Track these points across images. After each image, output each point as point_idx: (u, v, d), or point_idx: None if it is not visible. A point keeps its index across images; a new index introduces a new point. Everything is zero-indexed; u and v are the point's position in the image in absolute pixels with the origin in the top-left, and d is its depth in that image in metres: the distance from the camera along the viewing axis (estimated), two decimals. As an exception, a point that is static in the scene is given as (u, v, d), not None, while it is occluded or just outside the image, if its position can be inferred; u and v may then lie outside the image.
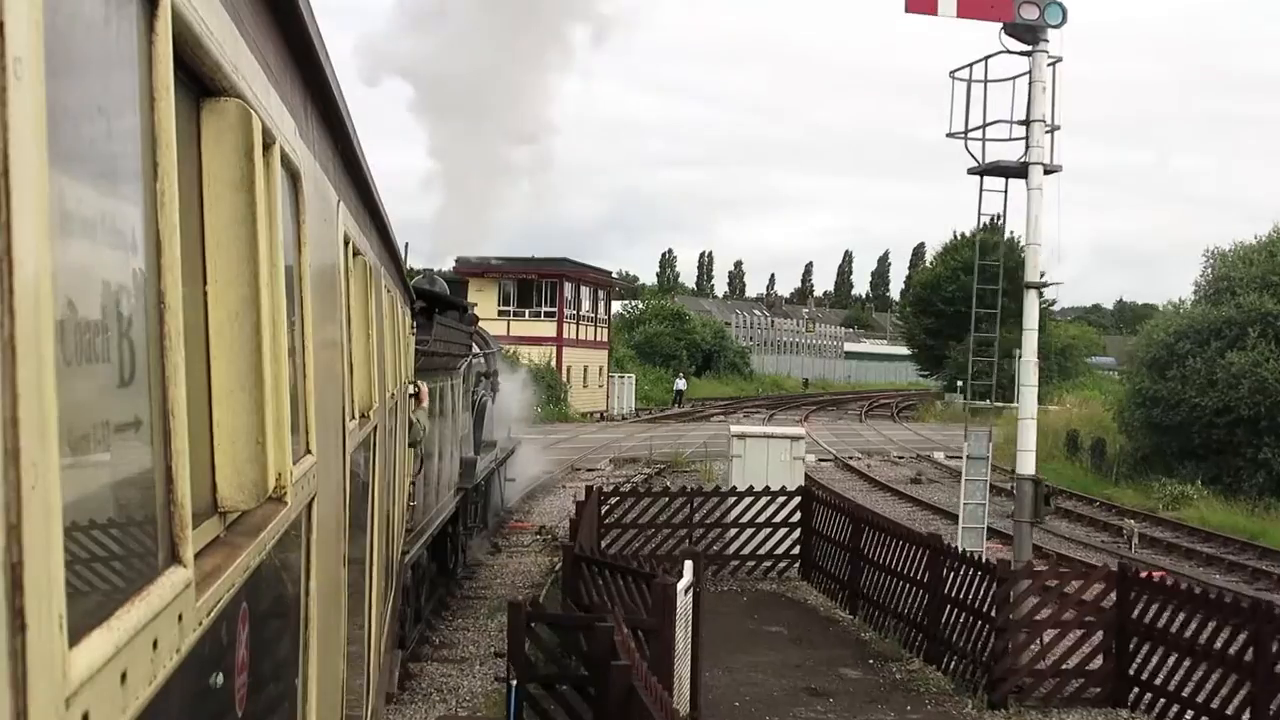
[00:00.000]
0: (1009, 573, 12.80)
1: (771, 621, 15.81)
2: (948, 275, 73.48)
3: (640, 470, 32.86)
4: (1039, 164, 17.40)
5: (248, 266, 2.08)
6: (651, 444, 39.26)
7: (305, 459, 2.83)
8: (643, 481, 29.55)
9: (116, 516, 1.46)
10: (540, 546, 20.87)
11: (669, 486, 25.83)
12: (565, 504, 24.89)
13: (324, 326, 3.43)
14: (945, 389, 71.28)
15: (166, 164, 1.57)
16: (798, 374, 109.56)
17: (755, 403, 74.72)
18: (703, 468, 32.56)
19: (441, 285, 17.34)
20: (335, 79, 3.58)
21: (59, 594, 1.10)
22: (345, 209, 4.37)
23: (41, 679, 1.05)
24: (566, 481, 30.40)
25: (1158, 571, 17.11)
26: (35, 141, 1.05)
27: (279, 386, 2.27)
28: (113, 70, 1.40)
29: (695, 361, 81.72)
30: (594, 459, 35.99)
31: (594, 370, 61.52)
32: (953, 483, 31.33)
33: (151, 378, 1.55)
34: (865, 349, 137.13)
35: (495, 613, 14.88)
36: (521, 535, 22.44)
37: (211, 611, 1.78)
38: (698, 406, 67.41)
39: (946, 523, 23.98)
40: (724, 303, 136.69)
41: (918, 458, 39.71)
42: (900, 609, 14.73)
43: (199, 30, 1.73)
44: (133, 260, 1.48)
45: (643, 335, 78.80)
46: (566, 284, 57.54)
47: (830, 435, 49.16)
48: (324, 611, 3.30)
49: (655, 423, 54.53)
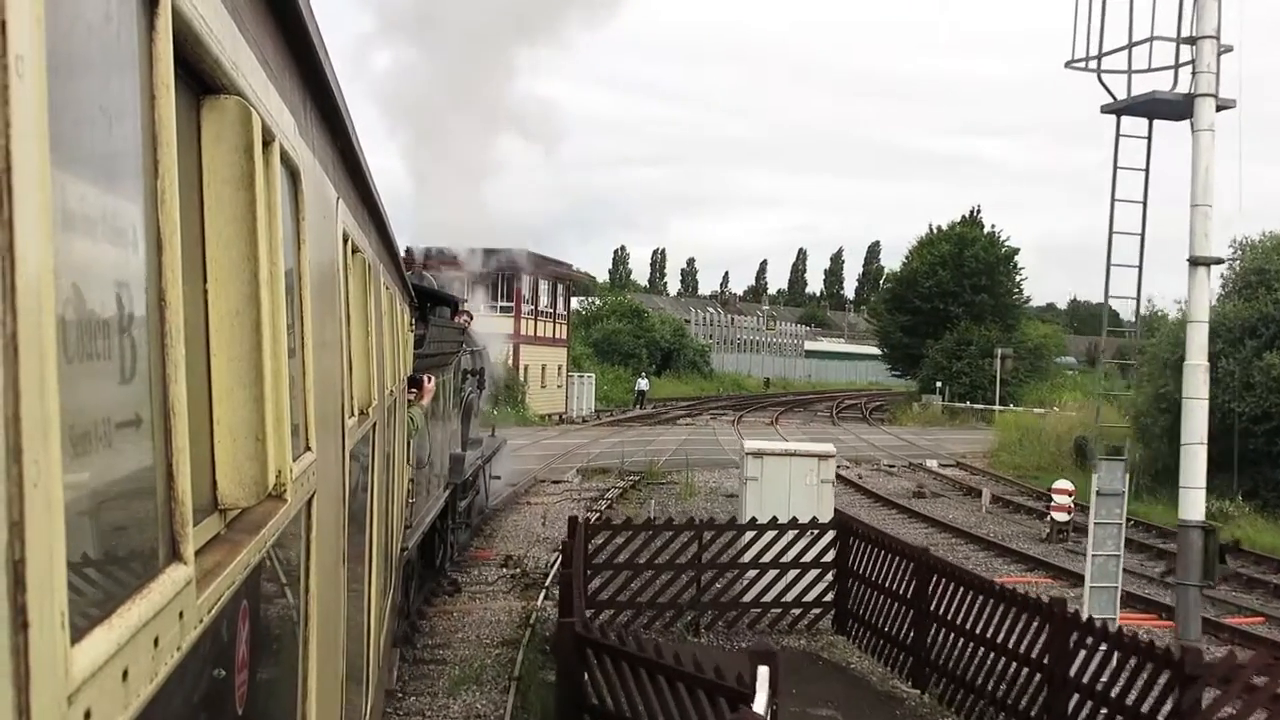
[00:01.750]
0: (1201, 666, 8.81)
1: (818, 701, 12.02)
2: (925, 270, 70.03)
3: (612, 483, 29.15)
4: (1208, 96, 12.61)
5: (248, 264, 2.08)
6: (620, 451, 35.10)
7: (305, 456, 2.83)
8: (619, 497, 26.51)
9: (118, 514, 1.46)
10: (509, 585, 17.19)
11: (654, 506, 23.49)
12: (532, 524, 22.70)
13: (323, 324, 3.43)
14: (921, 390, 68.05)
15: (167, 161, 1.57)
16: (758, 373, 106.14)
17: (719, 403, 71.41)
18: (683, 480, 28.89)
19: (430, 281, 17.37)
20: (335, 77, 3.58)
21: (61, 591, 1.11)
22: (344, 206, 4.37)
23: (44, 676, 1.05)
24: (531, 496, 26.91)
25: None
26: (37, 139, 1.05)
27: (279, 384, 2.27)
28: (114, 68, 1.40)
29: (654, 360, 78.45)
30: (559, 469, 32.08)
31: (552, 370, 57.71)
32: (959, 497, 29.51)
33: (152, 375, 1.55)
34: (825, 347, 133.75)
35: (458, 687, 12.14)
36: (485, 568, 18.46)
37: (212, 609, 1.78)
38: (660, 408, 63.19)
39: (980, 551, 21.73)
40: (677, 300, 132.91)
41: (911, 466, 36.43)
42: (1003, 695, 10.90)
43: (199, 28, 1.73)
44: (133, 258, 1.48)
45: (600, 333, 75.30)
46: (524, 276, 52.82)
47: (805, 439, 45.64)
48: (324, 608, 3.30)
49: (619, 426, 49.68)
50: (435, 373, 13.12)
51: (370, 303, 5.70)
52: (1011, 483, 32.66)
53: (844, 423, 59.11)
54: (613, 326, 76.50)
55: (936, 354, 66.50)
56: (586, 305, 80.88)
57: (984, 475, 34.54)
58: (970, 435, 48.51)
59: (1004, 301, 70.19)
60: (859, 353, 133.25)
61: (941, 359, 65.98)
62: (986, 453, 40.59)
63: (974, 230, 72.51)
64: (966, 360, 64.92)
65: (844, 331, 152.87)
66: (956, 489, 31.52)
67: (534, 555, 19.09)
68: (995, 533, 23.85)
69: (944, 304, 68.18)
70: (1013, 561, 20.93)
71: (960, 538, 22.98)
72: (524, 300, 53.98)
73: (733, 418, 56.71)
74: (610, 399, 63.86)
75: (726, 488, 28.04)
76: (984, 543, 22.37)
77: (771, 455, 16.70)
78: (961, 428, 54.50)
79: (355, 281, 4.89)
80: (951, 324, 67.42)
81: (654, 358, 78.77)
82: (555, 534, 20.33)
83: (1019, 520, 25.98)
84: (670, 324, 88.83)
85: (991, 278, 68.98)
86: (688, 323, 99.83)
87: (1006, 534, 23.78)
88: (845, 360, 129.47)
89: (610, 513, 23.33)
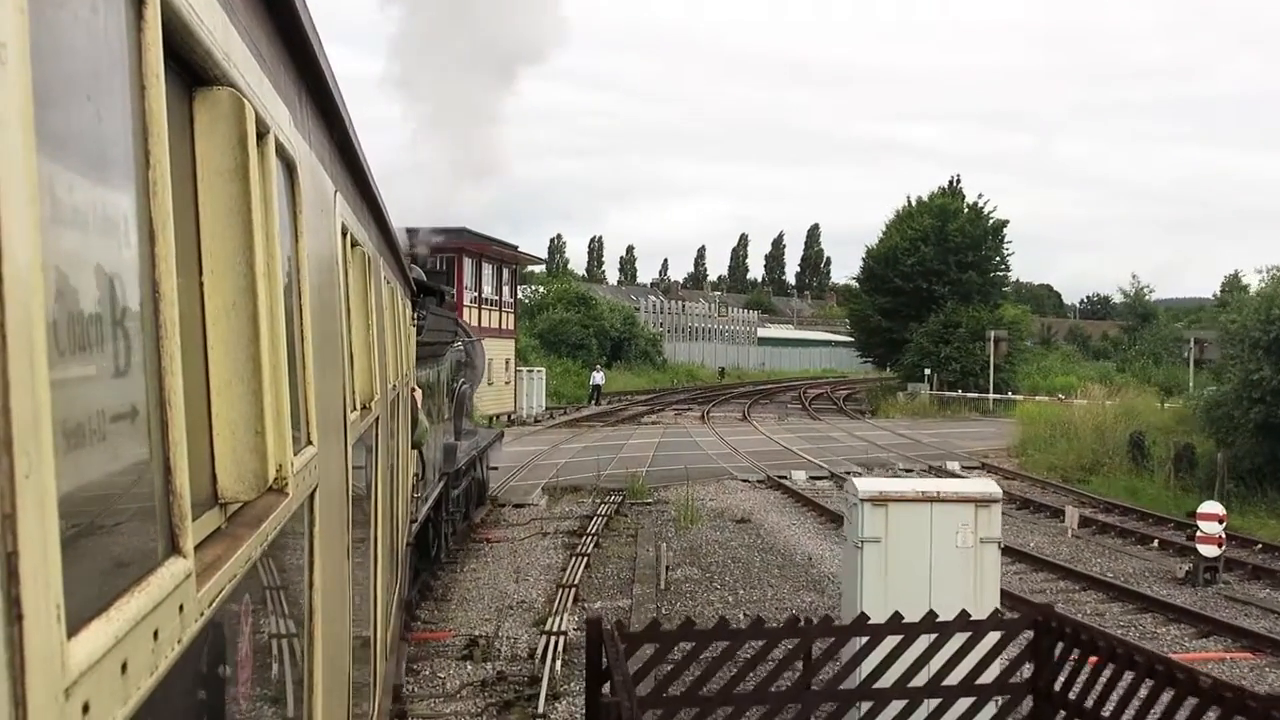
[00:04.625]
0: None
1: None
2: (905, 246, 63.91)
3: (591, 507, 23.63)
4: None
5: (244, 256, 2.07)
6: (588, 461, 30.32)
7: (306, 450, 2.83)
8: (604, 528, 20.99)
9: (115, 507, 1.46)
10: (480, 702, 11.42)
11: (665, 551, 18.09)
12: (498, 579, 16.85)
13: (323, 317, 3.42)
14: (907, 378, 61.84)
15: (158, 153, 1.56)
16: (711, 362, 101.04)
17: (677, 396, 66.43)
18: (677, 499, 23.60)
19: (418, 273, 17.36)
20: (330, 69, 3.57)
21: (56, 584, 1.10)
22: (342, 199, 4.37)
23: (40, 669, 1.04)
24: (491, 529, 21.24)
25: None
26: (23, 128, 1.04)
27: (277, 377, 2.26)
28: (101, 58, 1.39)
29: (604, 351, 72.53)
30: (520, 487, 26.12)
31: (499, 364, 49.24)
32: (1025, 514, 24.42)
33: (148, 368, 1.55)
34: (777, 334, 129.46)
35: None
36: (440, 660, 12.81)
37: (213, 603, 1.77)
38: (616, 403, 58.06)
39: (1103, 599, 16.72)
40: (618, 289, 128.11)
41: (931, 470, 30.95)
42: None
43: (189, 18, 1.72)
44: (125, 249, 1.47)
45: (546, 323, 69.04)
46: (466, 259, 45.80)
47: (793, 437, 40.09)
48: (328, 602, 3.30)
49: (577, 427, 44.19)
50: (429, 364, 13.16)
51: (371, 296, 5.69)
52: (1062, 489, 28.02)
53: (823, 415, 54.49)
54: (559, 316, 70.34)
55: (922, 338, 61.02)
56: (530, 294, 74.69)
57: (1026, 480, 29.85)
58: (972, 429, 44.81)
59: (991, 279, 65.33)
60: (812, 339, 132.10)
61: (927, 343, 60.47)
62: (1008, 449, 36.41)
63: (955, 201, 67.04)
64: (955, 345, 59.70)
65: (791, 317, 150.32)
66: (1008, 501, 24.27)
67: (509, 635, 13.82)
68: (1107, 569, 18.80)
69: (928, 283, 62.75)
70: (1161, 616, 15.57)
71: (1065, 577, 17.93)
72: (466, 287, 46.19)
73: (699, 413, 52.56)
74: (561, 395, 57.31)
75: (734, 509, 24.11)
76: (1101, 585, 17.29)
77: (900, 501, 10.88)
78: (955, 419, 50.66)
79: (355, 275, 4.88)
80: (937, 305, 61.99)
81: (604, 348, 73.01)
82: (533, 596, 15.82)
83: (1126, 549, 20.77)
84: (620, 312, 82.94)
85: (978, 253, 63.90)
86: (638, 310, 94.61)
87: (1124, 571, 18.74)
88: (799, 347, 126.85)
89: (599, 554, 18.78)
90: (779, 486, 27.75)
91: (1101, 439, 31.67)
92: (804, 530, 22.09)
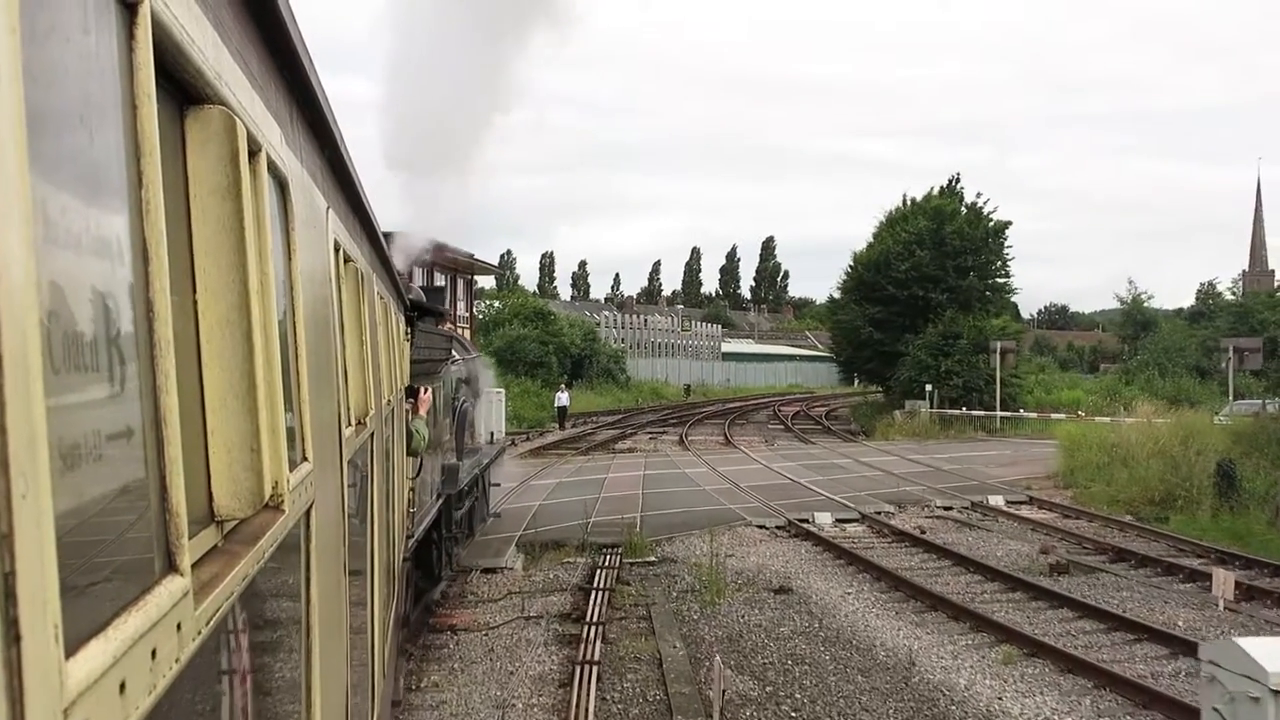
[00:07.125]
0: None
1: None
2: (899, 251, 58.60)
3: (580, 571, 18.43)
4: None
5: (237, 274, 2.08)
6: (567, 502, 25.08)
7: (302, 466, 2.83)
8: (608, 605, 15.75)
9: (112, 526, 1.46)
10: None
11: (724, 678, 11.26)
12: (470, 706, 11.60)
13: (317, 333, 3.42)
14: (903, 394, 55.96)
15: (151, 172, 1.57)
16: (675, 379, 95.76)
17: (646, 416, 61.90)
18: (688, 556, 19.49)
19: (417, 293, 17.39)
20: (321, 86, 3.58)
21: (54, 604, 1.10)
22: (335, 216, 4.37)
23: (38, 689, 1.04)
24: (454, 608, 15.88)
25: None
26: (15, 148, 1.05)
27: (272, 394, 2.26)
28: (93, 78, 1.40)
29: (564, 369, 67.85)
30: (488, 543, 20.44)
31: None
32: (1141, 576, 18.38)
33: (143, 386, 1.55)
34: (741, 349, 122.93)
35: None
36: None
37: (211, 620, 1.77)
38: (582, 425, 54.21)
39: None
40: (571, 305, 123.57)
41: (974, 506, 25.78)
42: None
43: (180, 38, 1.73)
44: (119, 268, 1.48)
45: (503, 340, 63.32)
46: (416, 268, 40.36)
47: (793, 465, 34.13)
48: (326, 619, 3.29)
49: (545, 456, 38.49)
50: (424, 381, 13.16)
51: (365, 312, 5.69)
52: (1151, 532, 22.44)
53: (812, 436, 49.33)
54: (516, 332, 65.35)
55: (920, 350, 55.39)
56: (485, 309, 69.63)
57: (1096, 520, 24.35)
58: (989, 451, 39.61)
59: (993, 285, 60.46)
60: (776, 353, 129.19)
61: (926, 356, 54.88)
62: (1051, 477, 30.92)
63: (952, 202, 61.91)
64: (956, 357, 54.01)
65: (749, 331, 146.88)
66: (1096, 551, 20.44)
67: None
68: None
69: (924, 290, 57.79)
70: None
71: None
72: (418, 299, 43.82)
73: (675, 436, 48.17)
74: (521, 418, 51.82)
75: (764, 570, 18.69)
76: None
77: None
78: (962, 440, 45.68)
79: (348, 291, 4.88)
80: (935, 314, 56.82)
81: (564, 366, 68.31)
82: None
83: None
84: (580, 328, 78.14)
85: (978, 257, 59.03)
86: (598, 325, 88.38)
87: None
88: (763, 362, 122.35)
89: (611, 655, 13.44)
90: (804, 534, 22.64)
91: (1174, 467, 25.88)
92: (866, 605, 16.56)
